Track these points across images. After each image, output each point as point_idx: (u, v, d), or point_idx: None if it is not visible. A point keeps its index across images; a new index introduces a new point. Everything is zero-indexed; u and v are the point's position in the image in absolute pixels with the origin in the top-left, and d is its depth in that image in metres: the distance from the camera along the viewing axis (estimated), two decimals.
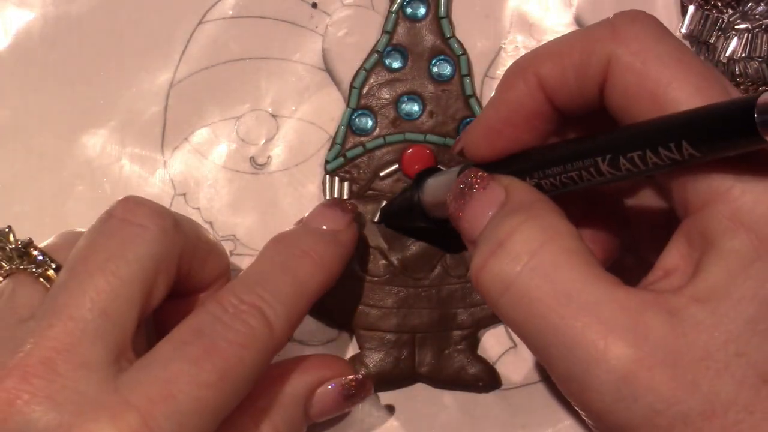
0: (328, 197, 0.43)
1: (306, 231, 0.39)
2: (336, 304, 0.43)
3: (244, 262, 0.43)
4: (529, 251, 0.30)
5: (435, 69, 0.44)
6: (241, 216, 0.43)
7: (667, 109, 0.29)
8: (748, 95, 0.27)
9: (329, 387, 0.38)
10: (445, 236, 0.41)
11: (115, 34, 0.44)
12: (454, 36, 0.44)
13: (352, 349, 0.43)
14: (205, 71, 0.44)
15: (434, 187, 0.39)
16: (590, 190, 0.32)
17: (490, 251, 0.30)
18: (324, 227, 0.39)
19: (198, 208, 0.43)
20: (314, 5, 0.44)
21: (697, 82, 0.29)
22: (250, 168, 0.44)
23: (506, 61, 0.45)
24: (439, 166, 0.42)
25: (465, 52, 0.44)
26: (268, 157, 0.44)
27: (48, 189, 0.43)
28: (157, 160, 0.44)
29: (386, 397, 0.43)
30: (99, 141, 0.44)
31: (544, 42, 0.34)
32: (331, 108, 0.44)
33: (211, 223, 0.43)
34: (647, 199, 0.37)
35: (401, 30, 0.44)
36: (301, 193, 0.44)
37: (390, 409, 0.43)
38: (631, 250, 0.37)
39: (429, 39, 0.44)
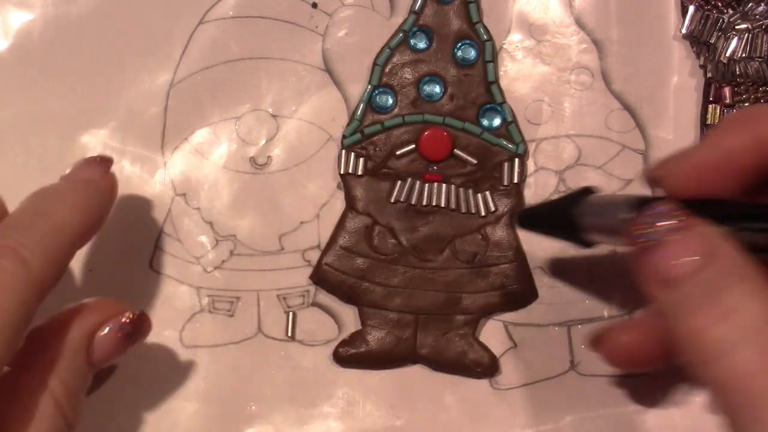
0: (342, 172, 0.43)
1: (61, 181, 0.39)
2: (342, 279, 0.43)
3: (244, 263, 0.43)
4: (756, 327, 0.29)
5: (459, 53, 0.44)
6: (241, 216, 0.43)
7: None
8: None
9: (107, 329, 0.37)
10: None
11: (115, 34, 0.44)
12: (481, 21, 0.44)
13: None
14: (205, 71, 0.44)
15: (600, 209, 0.37)
16: None
17: (713, 317, 0.30)
18: (78, 177, 0.39)
19: (198, 208, 0.43)
20: (314, 5, 0.44)
21: None
22: (250, 168, 0.44)
23: (506, 61, 0.45)
24: (591, 188, 0.40)
25: (491, 38, 0.44)
26: (268, 157, 0.44)
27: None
28: (157, 161, 0.44)
29: (386, 396, 0.43)
30: (99, 141, 0.44)
31: (545, 41, 0.34)
32: (331, 108, 0.44)
33: (211, 224, 0.43)
34: None
35: (428, 11, 0.44)
36: (302, 193, 0.44)
37: (390, 408, 0.43)
38: None
39: (456, 22, 0.44)
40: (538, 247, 0.43)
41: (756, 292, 0.30)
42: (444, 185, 0.44)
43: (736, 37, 0.44)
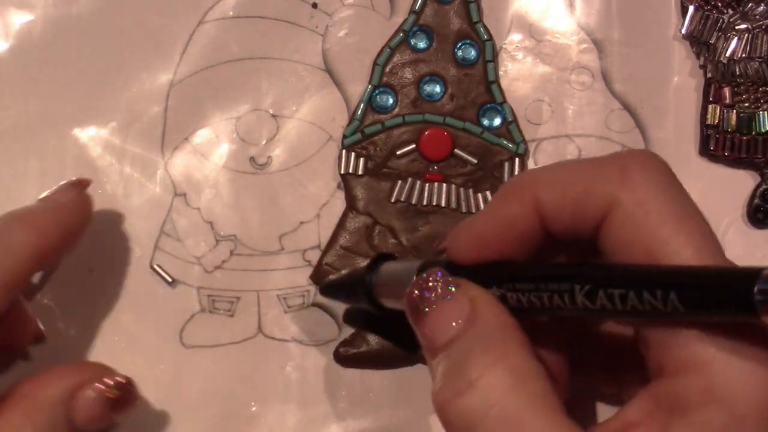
0: (342, 172, 0.43)
1: (38, 202, 0.40)
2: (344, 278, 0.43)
3: (244, 263, 0.43)
4: (497, 397, 0.29)
5: (459, 53, 0.44)
6: (242, 216, 0.43)
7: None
8: (750, 268, 0.26)
9: (89, 391, 0.37)
10: (393, 327, 0.41)
11: (115, 34, 0.44)
12: (481, 21, 0.44)
13: None
14: (205, 71, 0.44)
15: (392, 275, 0.38)
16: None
17: (458, 389, 0.30)
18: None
19: (198, 208, 0.43)
20: (314, 5, 0.44)
21: (697, 245, 0.28)
22: (251, 168, 0.44)
23: (506, 61, 0.45)
24: (390, 254, 0.41)
25: (491, 38, 0.44)
26: (269, 157, 0.44)
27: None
28: (157, 161, 0.44)
29: (386, 396, 0.43)
30: (99, 141, 0.44)
31: (545, 41, 0.34)
32: (331, 108, 0.44)
33: (211, 223, 0.43)
34: (611, 330, 0.36)
35: (429, 11, 0.44)
36: (302, 193, 0.44)
37: (390, 408, 0.43)
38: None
39: (456, 22, 0.44)
40: None
41: (501, 359, 0.30)
42: (444, 185, 0.44)
43: (736, 38, 0.44)
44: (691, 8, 0.45)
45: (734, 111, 0.45)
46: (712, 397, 0.27)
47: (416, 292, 0.32)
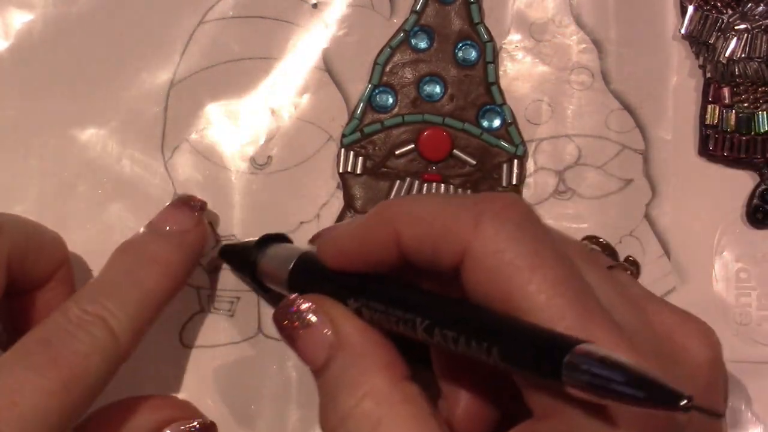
0: (341, 171, 0.43)
1: (152, 236, 0.39)
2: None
3: None
4: (369, 428, 0.31)
5: (460, 53, 0.44)
6: (241, 216, 0.43)
7: (513, 314, 0.29)
8: (572, 339, 0.27)
9: (177, 428, 0.38)
10: None
11: (115, 34, 0.44)
12: (482, 22, 0.44)
13: None
14: (205, 71, 0.44)
15: (275, 259, 0.39)
16: None
17: (335, 423, 0.32)
18: (169, 228, 0.39)
19: None
20: (315, 5, 0.44)
21: (549, 292, 0.29)
22: (250, 168, 0.44)
23: (506, 61, 0.45)
24: (286, 235, 0.42)
25: (492, 39, 0.44)
26: (268, 157, 0.44)
27: (48, 189, 0.43)
28: (157, 160, 0.44)
29: None
30: (99, 141, 0.44)
31: (545, 41, 0.34)
32: (331, 108, 0.44)
33: (211, 224, 0.43)
34: None
35: (430, 11, 0.44)
36: (302, 193, 0.44)
37: None
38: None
39: (457, 23, 0.44)
40: None
41: (368, 393, 0.31)
42: (443, 185, 0.44)
43: (736, 38, 0.44)
44: (690, 8, 0.45)
45: (733, 111, 0.45)
46: None
47: (281, 320, 0.34)
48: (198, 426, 0.39)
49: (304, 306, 0.33)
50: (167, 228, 0.39)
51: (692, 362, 0.31)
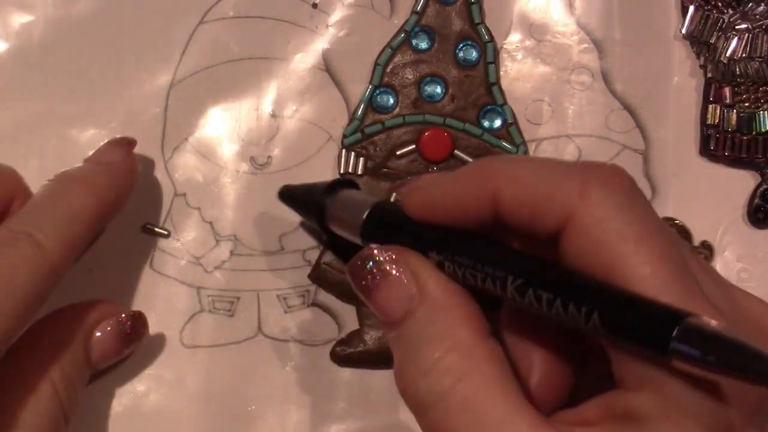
0: (342, 172, 0.43)
1: (82, 165, 0.40)
2: (341, 278, 0.43)
3: (244, 263, 0.43)
4: (451, 383, 0.29)
5: (461, 54, 0.44)
6: (242, 216, 0.43)
7: (616, 282, 0.28)
8: (677, 310, 0.26)
9: (106, 328, 0.39)
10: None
11: (115, 35, 0.44)
12: (483, 22, 0.44)
13: None
14: (205, 71, 0.44)
15: (345, 204, 0.38)
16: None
17: (414, 376, 0.30)
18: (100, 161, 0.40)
19: (198, 208, 0.43)
20: (314, 5, 0.44)
21: (654, 265, 0.28)
22: (251, 168, 0.44)
23: (506, 62, 0.45)
24: (353, 182, 0.41)
25: (492, 39, 0.44)
26: (269, 157, 0.44)
27: None
28: (157, 160, 0.44)
29: (386, 395, 0.43)
30: (100, 141, 0.43)
31: (546, 41, 0.34)
32: (331, 108, 0.44)
33: (211, 223, 0.43)
34: None
35: (431, 12, 0.44)
36: None
37: (390, 408, 0.43)
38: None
39: (457, 23, 0.44)
40: None
41: (451, 347, 0.30)
42: None
43: (736, 37, 0.44)
44: (691, 8, 0.45)
45: (734, 111, 0.45)
46: (665, 416, 0.27)
47: (357, 269, 0.32)
48: (125, 318, 0.40)
49: (384, 257, 0.32)
50: (98, 160, 0.40)
51: None
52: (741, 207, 0.45)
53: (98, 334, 0.39)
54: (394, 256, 0.32)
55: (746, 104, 0.45)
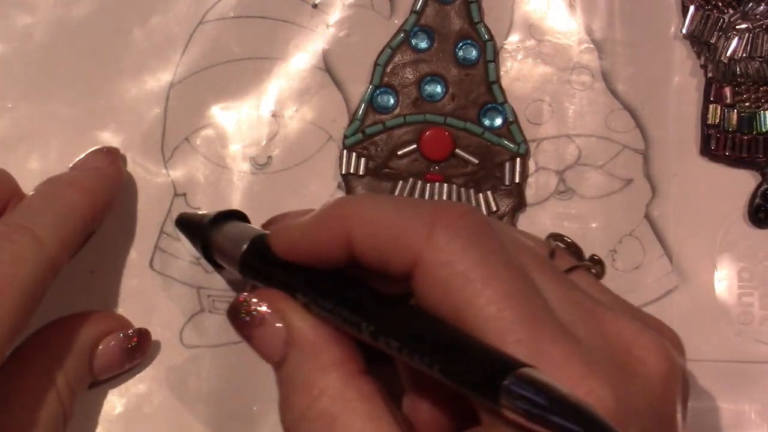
0: (344, 172, 0.43)
1: (72, 170, 0.41)
2: None
3: None
4: (325, 427, 0.31)
5: (460, 53, 0.44)
6: None
7: (463, 326, 0.29)
8: (512, 361, 0.26)
9: (111, 342, 0.40)
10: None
11: (115, 35, 0.44)
12: (482, 21, 0.44)
13: None
14: (205, 71, 0.44)
15: (229, 237, 0.38)
16: None
17: (292, 419, 0.32)
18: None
19: (198, 208, 0.43)
20: (315, 5, 0.44)
21: (498, 306, 0.28)
22: (251, 168, 0.44)
23: (506, 61, 0.45)
24: (240, 213, 0.40)
25: (492, 38, 0.44)
26: (269, 157, 0.44)
27: None
28: (157, 161, 0.44)
29: None
30: (100, 142, 0.44)
31: (546, 41, 0.34)
32: (332, 108, 0.44)
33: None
34: None
35: (430, 11, 0.44)
36: (302, 193, 0.44)
37: None
38: None
39: (457, 22, 0.44)
40: None
41: (323, 390, 0.31)
42: (445, 185, 0.44)
43: (737, 37, 0.44)
44: (691, 8, 0.45)
45: (735, 111, 0.45)
46: None
47: (233, 317, 0.34)
48: (132, 334, 0.40)
49: (256, 303, 0.33)
50: (86, 167, 0.41)
51: (648, 375, 0.30)
52: (741, 207, 0.45)
53: (103, 346, 0.40)
54: (263, 303, 0.33)
55: (747, 104, 0.45)
